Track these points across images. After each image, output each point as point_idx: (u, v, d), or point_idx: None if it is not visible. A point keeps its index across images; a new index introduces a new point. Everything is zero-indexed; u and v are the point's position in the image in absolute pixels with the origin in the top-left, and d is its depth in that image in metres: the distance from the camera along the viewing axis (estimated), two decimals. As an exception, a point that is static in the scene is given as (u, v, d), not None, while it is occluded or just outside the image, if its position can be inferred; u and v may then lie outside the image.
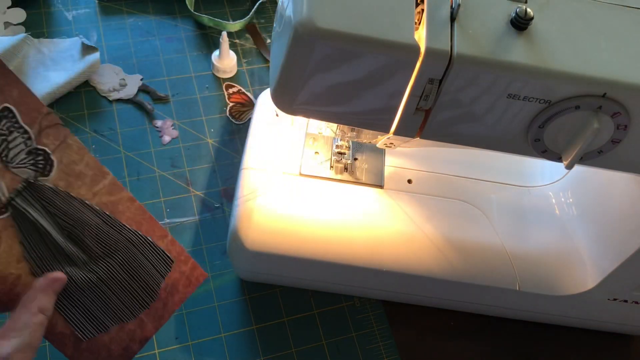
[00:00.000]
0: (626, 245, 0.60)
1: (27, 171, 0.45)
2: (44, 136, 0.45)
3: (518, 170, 0.74)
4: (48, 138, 0.46)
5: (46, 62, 0.82)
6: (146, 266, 0.47)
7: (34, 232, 0.45)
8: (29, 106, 0.45)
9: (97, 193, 0.46)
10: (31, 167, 0.45)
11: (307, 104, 0.48)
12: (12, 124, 0.45)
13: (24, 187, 0.45)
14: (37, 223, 0.45)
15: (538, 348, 0.71)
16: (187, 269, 0.49)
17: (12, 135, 0.45)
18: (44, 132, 0.45)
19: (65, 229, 0.45)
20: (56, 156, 0.46)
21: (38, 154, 0.45)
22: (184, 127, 0.81)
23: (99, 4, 0.91)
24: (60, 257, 0.45)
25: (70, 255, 0.45)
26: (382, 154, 0.72)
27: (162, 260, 0.48)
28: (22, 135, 0.45)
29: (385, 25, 0.43)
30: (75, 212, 0.46)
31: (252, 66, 0.89)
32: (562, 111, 0.46)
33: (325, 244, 0.64)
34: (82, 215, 0.46)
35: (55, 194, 0.45)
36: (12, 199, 0.44)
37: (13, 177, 0.45)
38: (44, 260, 0.45)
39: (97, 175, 0.47)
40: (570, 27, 0.46)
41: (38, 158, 0.45)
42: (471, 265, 0.65)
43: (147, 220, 0.48)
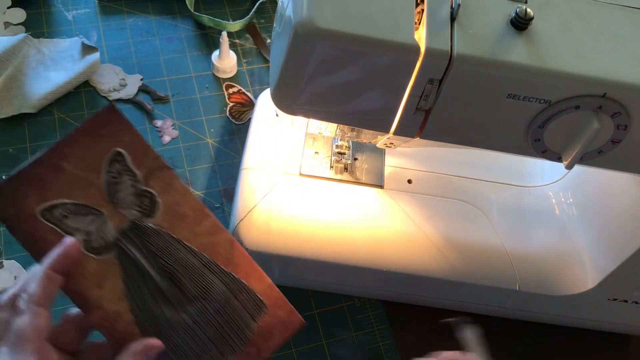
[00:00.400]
0: (626, 245, 0.60)
1: (133, 212, 0.47)
2: (151, 179, 0.47)
3: (518, 170, 0.74)
4: (155, 180, 0.47)
5: (46, 62, 0.82)
6: (240, 311, 0.48)
7: (136, 271, 0.46)
8: (139, 150, 0.47)
9: (198, 234, 0.47)
10: (137, 209, 0.47)
11: (307, 104, 0.48)
12: (123, 167, 0.47)
13: (130, 227, 0.46)
14: (139, 263, 0.46)
15: (538, 348, 0.71)
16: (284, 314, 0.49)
17: (122, 178, 0.47)
18: (151, 175, 0.47)
19: (165, 269, 0.47)
20: (161, 198, 0.47)
21: (145, 196, 0.47)
22: (184, 127, 0.81)
23: (99, 4, 0.91)
24: (158, 297, 0.46)
25: (168, 296, 0.47)
26: (382, 154, 0.72)
27: (257, 306, 0.48)
28: (131, 178, 0.47)
29: (385, 25, 0.43)
30: (175, 253, 0.47)
31: (252, 66, 0.89)
32: (562, 111, 0.45)
33: (325, 244, 0.64)
34: (182, 256, 0.47)
35: (158, 235, 0.47)
36: (118, 239, 0.46)
37: (120, 218, 0.46)
38: (142, 300, 0.46)
39: (199, 217, 0.48)
40: (570, 27, 0.46)
41: (144, 200, 0.47)
42: (471, 265, 0.65)
43: (246, 264, 0.48)
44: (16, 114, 0.77)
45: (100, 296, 0.45)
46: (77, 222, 0.46)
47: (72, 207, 0.46)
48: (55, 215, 0.45)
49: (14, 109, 0.77)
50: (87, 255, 0.45)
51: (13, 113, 0.77)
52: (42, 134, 0.77)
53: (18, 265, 0.67)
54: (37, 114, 0.78)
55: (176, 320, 0.47)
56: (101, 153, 0.46)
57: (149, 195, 0.47)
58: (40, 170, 0.45)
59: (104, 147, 0.46)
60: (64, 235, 0.45)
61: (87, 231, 0.46)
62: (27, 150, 0.76)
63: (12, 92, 0.78)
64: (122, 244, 0.46)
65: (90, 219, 0.46)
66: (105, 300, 0.45)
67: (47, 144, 0.76)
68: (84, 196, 0.46)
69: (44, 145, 0.76)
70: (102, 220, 0.46)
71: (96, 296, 0.45)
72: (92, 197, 0.46)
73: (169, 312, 0.47)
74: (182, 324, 0.47)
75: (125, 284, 0.46)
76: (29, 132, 0.77)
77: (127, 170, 0.47)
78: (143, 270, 0.46)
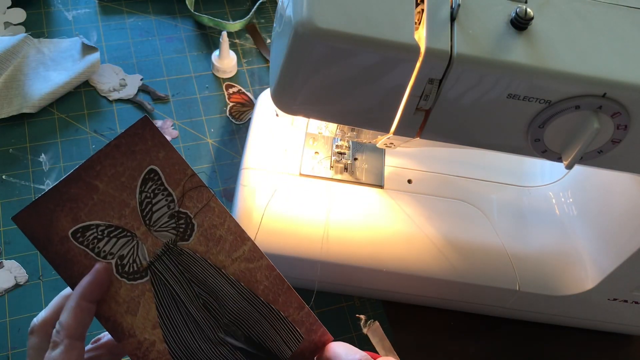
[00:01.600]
0: (626, 245, 0.60)
1: (167, 235, 0.44)
2: (187, 199, 0.45)
3: (518, 170, 0.74)
4: (191, 201, 0.45)
5: (46, 62, 0.82)
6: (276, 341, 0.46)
7: (169, 298, 0.44)
8: (174, 168, 0.44)
9: (235, 259, 0.45)
10: (172, 231, 0.45)
11: (307, 103, 0.48)
12: (157, 187, 0.44)
13: (164, 252, 0.44)
14: (172, 290, 0.44)
15: (538, 348, 0.71)
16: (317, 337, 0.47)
17: (156, 198, 0.44)
18: (187, 195, 0.45)
19: (200, 297, 0.45)
20: (197, 220, 0.45)
21: (180, 218, 0.45)
22: (184, 127, 0.81)
23: (99, 4, 0.91)
24: (192, 326, 0.45)
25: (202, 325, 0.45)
26: (382, 154, 0.72)
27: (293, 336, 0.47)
28: (166, 198, 0.44)
29: (385, 25, 0.43)
30: (211, 280, 0.45)
31: (252, 66, 0.89)
32: (562, 111, 0.45)
33: (325, 244, 0.64)
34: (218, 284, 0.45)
35: (193, 260, 0.45)
36: (152, 263, 0.44)
37: (154, 241, 0.44)
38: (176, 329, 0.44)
39: (237, 241, 0.45)
40: (570, 27, 0.46)
41: (180, 222, 0.45)
42: (471, 266, 0.65)
43: (284, 292, 0.46)
44: (16, 114, 0.77)
45: (132, 323, 0.44)
46: (110, 245, 0.44)
47: (105, 229, 0.44)
48: (88, 238, 0.43)
49: (14, 109, 0.77)
50: (120, 280, 0.44)
51: (13, 113, 0.77)
52: (42, 134, 0.77)
53: (18, 264, 0.67)
54: (37, 114, 0.78)
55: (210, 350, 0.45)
56: (135, 171, 0.44)
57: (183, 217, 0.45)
58: (72, 189, 0.43)
59: (137, 164, 0.44)
60: (96, 258, 0.43)
61: (120, 255, 0.44)
62: (27, 150, 0.76)
63: (12, 92, 0.78)
64: (155, 269, 0.44)
65: (123, 241, 0.44)
66: (138, 327, 0.44)
67: (47, 144, 0.76)
68: (117, 217, 0.44)
69: (44, 145, 0.76)
70: (135, 243, 0.44)
71: (129, 323, 0.44)
72: (126, 218, 0.44)
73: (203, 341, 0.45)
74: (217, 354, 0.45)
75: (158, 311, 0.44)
76: (29, 132, 0.77)
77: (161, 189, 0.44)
78: (177, 297, 0.44)
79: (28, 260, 0.68)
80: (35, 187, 0.73)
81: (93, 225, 0.43)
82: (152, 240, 0.44)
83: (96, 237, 0.43)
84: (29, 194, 0.72)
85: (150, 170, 0.44)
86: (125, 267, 0.44)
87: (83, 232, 0.43)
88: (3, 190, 0.72)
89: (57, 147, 0.77)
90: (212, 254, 0.45)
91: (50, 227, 0.43)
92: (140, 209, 0.44)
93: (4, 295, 0.66)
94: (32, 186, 0.73)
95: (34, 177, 0.74)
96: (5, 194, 0.72)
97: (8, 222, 0.70)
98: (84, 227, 0.43)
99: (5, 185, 0.73)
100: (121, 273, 0.44)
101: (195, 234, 0.45)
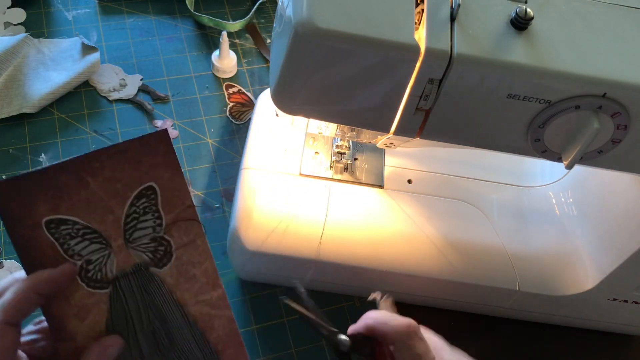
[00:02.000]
0: (626, 245, 0.60)
1: (142, 256, 0.42)
2: (175, 228, 0.43)
3: (518, 170, 0.74)
4: (178, 231, 0.43)
5: (46, 62, 0.82)
6: None
7: (122, 317, 0.43)
8: (174, 193, 0.42)
9: (200, 301, 0.44)
10: (149, 255, 0.43)
11: (307, 104, 0.48)
12: (150, 205, 0.42)
13: (133, 271, 0.42)
14: (128, 310, 0.43)
15: (538, 348, 0.71)
16: None
17: (145, 217, 0.42)
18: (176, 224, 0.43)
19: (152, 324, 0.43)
20: (177, 252, 0.43)
21: (161, 244, 0.43)
22: (184, 127, 0.81)
23: (99, 4, 0.91)
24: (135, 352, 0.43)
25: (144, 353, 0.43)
26: (382, 154, 0.72)
27: None
28: (155, 220, 0.42)
29: (385, 25, 0.43)
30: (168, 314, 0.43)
31: (252, 66, 0.89)
32: (562, 111, 0.45)
33: (325, 244, 0.64)
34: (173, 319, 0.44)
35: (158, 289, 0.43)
36: (117, 278, 0.42)
37: (127, 257, 0.42)
38: None
39: (208, 285, 0.44)
40: (570, 27, 0.46)
41: (159, 248, 0.43)
42: (471, 266, 0.65)
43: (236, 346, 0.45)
44: (16, 114, 0.77)
45: (77, 328, 0.42)
46: (81, 246, 0.41)
47: (81, 229, 0.41)
48: (61, 232, 0.41)
49: (14, 109, 0.77)
50: (79, 283, 0.41)
51: (13, 113, 0.77)
52: (42, 134, 0.77)
53: (18, 265, 0.67)
54: (37, 114, 0.78)
55: None
56: (133, 182, 0.41)
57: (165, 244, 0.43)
58: (62, 177, 0.40)
59: (138, 176, 0.41)
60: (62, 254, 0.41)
61: (88, 259, 0.41)
62: (27, 150, 0.76)
63: (12, 92, 0.78)
64: (118, 284, 0.42)
65: (95, 247, 0.42)
66: (80, 334, 0.42)
67: (47, 144, 0.76)
68: (98, 221, 0.41)
69: (44, 145, 0.76)
70: (107, 253, 0.42)
71: (73, 327, 0.41)
72: (107, 225, 0.41)
73: None
74: None
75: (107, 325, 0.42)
76: (29, 132, 0.77)
77: (153, 209, 0.42)
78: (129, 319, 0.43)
79: (28, 260, 0.68)
80: (35, 187, 0.73)
81: (70, 221, 0.41)
82: (125, 256, 0.42)
83: (69, 234, 0.41)
84: (29, 194, 0.72)
85: (149, 186, 0.42)
86: (89, 272, 0.42)
87: (57, 225, 0.41)
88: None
89: (57, 147, 0.77)
90: (179, 290, 0.43)
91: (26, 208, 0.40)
92: (125, 222, 0.42)
93: (4, 295, 0.66)
94: (32, 186, 0.73)
95: (34, 177, 0.74)
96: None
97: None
98: (60, 220, 0.41)
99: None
100: (83, 277, 0.42)
101: (170, 265, 0.43)
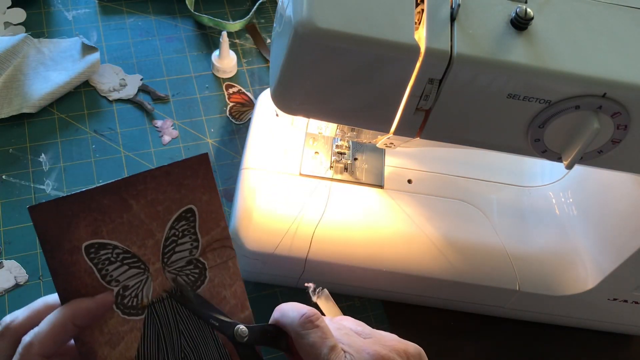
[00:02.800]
0: (626, 245, 0.60)
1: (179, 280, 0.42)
2: (210, 250, 0.42)
3: (518, 170, 0.74)
4: (212, 253, 0.43)
5: (46, 62, 0.82)
6: None
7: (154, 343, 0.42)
8: (211, 215, 0.42)
9: None
10: (184, 277, 0.42)
11: (307, 103, 0.48)
12: (189, 228, 0.42)
13: (169, 295, 0.42)
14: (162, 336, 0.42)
15: (538, 348, 0.71)
16: None
17: (183, 239, 0.42)
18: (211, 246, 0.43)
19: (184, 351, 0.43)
20: (211, 274, 0.43)
21: (197, 266, 0.42)
22: (184, 127, 0.81)
23: (99, 4, 0.91)
24: None
25: None
26: (382, 154, 0.72)
27: None
28: (192, 242, 0.42)
29: (385, 25, 0.43)
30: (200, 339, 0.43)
31: (252, 66, 0.89)
32: (562, 111, 0.45)
33: (325, 244, 0.64)
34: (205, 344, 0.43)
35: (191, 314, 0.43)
36: (153, 303, 0.41)
37: (164, 281, 0.41)
38: None
39: (238, 307, 0.44)
40: (570, 27, 0.46)
41: (194, 270, 0.42)
42: (471, 266, 0.65)
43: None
44: (16, 114, 0.77)
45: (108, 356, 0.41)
46: (119, 272, 0.40)
47: (121, 254, 0.40)
48: (101, 256, 0.40)
49: (14, 109, 0.77)
50: (114, 310, 0.40)
51: (13, 113, 0.77)
52: (42, 134, 0.77)
53: (18, 264, 0.67)
54: (37, 114, 0.78)
55: None
56: (174, 204, 0.41)
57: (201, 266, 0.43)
58: (105, 199, 0.39)
59: (179, 198, 0.41)
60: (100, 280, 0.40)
61: (125, 285, 0.40)
62: (27, 150, 0.76)
63: (12, 92, 0.78)
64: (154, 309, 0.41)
65: (134, 272, 0.41)
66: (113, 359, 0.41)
67: (47, 144, 0.76)
68: (138, 245, 0.40)
69: (44, 145, 0.76)
70: (145, 277, 0.41)
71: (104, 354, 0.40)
72: (146, 249, 0.41)
73: None
74: None
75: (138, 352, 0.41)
76: (29, 132, 0.77)
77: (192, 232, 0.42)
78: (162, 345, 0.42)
79: (28, 260, 0.68)
80: (35, 187, 0.73)
81: (111, 245, 0.40)
82: (162, 280, 0.41)
83: (109, 259, 0.40)
84: (29, 194, 0.72)
85: (188, 209, 0.42)
86: (125, 298, 0.41)
87: (98, 249, 0.40)
88: (3, 190, 0.72)
89: (57, 147, 0.77)
90: None
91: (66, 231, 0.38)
92: (164, 245, 0.41)
93: (4, 296, 0.66)
94: (32, 186, 0.73)
95: (34, 177, 0.74)
96: (5, 194, 0.72)
97: (8, 222, 0.70)
98: (100, 244, 0.40)
99: (5, 186, 0.73)
100: (118, 304, 0.41)
101: (204, 288, 0.43)
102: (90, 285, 0.39)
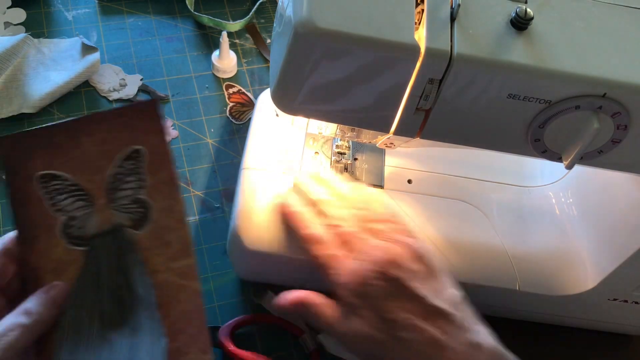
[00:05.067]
0: (626, 245, 0.60)
1: (122, 217, 0.44)
2: (156, 191, 0.44)
3: (518, 170, 0.74)
4: (159, 194, 0.44)
5: (46, 62, 0.82)
6: None
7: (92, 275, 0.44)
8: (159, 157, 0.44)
9: (169, 269, 0.44)
10: (128, 215, 0.44)
11: (307, 104, 0.48)
12: (136, 167, 0.44)
13: (111, 230, 0.44)
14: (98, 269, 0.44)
15: (538, 348, 0.71)
16: None
17: (129, 177, 0.44)
18: (158, 187, 0.44)
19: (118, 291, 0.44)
20: (156, 216, 0.44)
21: (141, 206, 0.44)
22: (184, 127, 0.81)
23: (99, 4, 0.91)
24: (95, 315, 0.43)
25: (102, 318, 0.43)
26: (382, 154, 0.72)
27: None
28: (138, 182, 0.44)
29: (385, 25, 0.43)
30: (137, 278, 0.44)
31: (252, 66, 0.89)
32: (562, 111, 0.46)
33: (325, 244, 0.64)
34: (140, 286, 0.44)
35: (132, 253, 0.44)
36: (95, 236, 0.44)
37: (107, 217, 0.44)
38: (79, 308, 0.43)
39: (181, 252, 0.45)
40: (570, 27, 0.46)
41: (139, 209, 0.44)
42: (471, 265, 0.65)
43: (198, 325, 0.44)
44: (16, 114, 0.77)
45: None
46: (67, 202, 0.44)
47: (70, 185, 0.44)
48: (51, 187, 0.43)
49: (14, 109, 0.77)
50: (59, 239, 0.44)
51: (13, 113, 0.77)
52: (42, 134, 0.77)
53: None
54: (37, 114, 0.78)
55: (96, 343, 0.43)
56: (123, 143, 0.44)
57: (145, 207, 0.44)
58: (59, 135, 0.43)
59: (128, 138, 0.44)
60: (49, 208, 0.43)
61: (72, 216, 0.44)
62: (27, 150, 0.76)
63: (12, 92, 0.78)
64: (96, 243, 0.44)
65: (80, 204, 0.44)
66: None
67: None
68: (86, 180, 0.44)
69: (44, 145, 0.76)
70: (90, 211, 0.44)
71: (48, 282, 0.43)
72: (93, 184, 0.44)
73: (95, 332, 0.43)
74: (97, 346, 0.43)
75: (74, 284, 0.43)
76: (29, 132, 0.77)
77: (138, 172, 0.44)
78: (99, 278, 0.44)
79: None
80: (35, 187, 0.73)
81: (61, 177, 0.44)
82: (105, 216, 0.44)
83: (58, 190, 0.43)
84: (29, 194, 0.72)
85: (137, 149, 0.44)
86: (70, 228, 0.44)
87: (49, 179, 0.43)
88: (3, 190, 0.72)
89: (57, 147, 0.77)
90: (153, 254, 0.44)
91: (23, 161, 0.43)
92: (110, 182, 0.44)
93: (4, 295, 0.66)
94: (32, 186, 0.73)
95: (34, 177, 0.74)
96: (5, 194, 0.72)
97: (8, 222, 0.70)
98: (52, 175, 0.43)
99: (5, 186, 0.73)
100: (63, 233, 0.44)
101: (147, 228, 0.44)
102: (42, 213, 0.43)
